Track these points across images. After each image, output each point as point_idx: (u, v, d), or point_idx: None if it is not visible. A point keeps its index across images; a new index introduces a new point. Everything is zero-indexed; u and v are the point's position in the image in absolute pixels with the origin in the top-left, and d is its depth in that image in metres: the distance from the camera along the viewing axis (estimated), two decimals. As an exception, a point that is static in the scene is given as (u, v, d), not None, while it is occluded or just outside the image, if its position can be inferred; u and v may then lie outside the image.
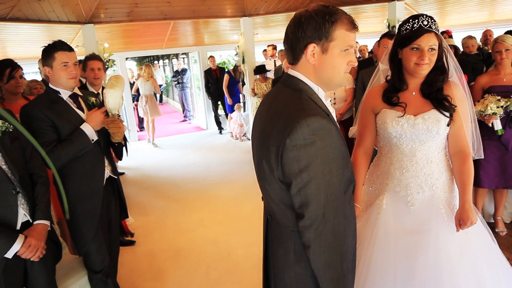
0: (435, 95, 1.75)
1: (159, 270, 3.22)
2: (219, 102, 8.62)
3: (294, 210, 1.21)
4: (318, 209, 1.15)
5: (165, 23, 7.25)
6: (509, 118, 2.99)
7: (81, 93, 2.30)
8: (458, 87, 1.78)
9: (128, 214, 2.73)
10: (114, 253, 2.54)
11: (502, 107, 2.87)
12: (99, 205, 2.24)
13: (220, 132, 8.61)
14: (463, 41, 5.02)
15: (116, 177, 2.45)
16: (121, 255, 2.84)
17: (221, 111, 8.87)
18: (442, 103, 1.74)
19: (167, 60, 15.57)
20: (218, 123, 8.65)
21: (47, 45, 2.14)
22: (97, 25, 6.01)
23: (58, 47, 2.11)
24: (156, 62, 15.05)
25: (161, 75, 14.58)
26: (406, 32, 1.71)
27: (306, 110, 1.16)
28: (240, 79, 8.24)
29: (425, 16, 1.69)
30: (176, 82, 10.76)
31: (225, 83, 8.06)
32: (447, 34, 5.83)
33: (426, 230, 1.75)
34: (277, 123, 1.20)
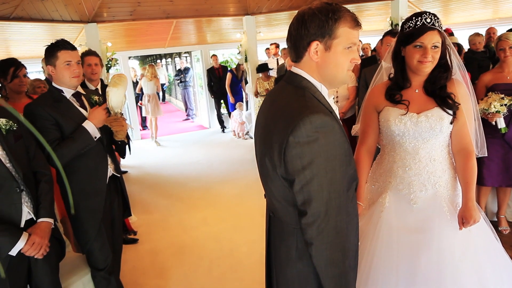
0: (438, 92, 1.75)
1: (162, 268, 3.23)
2: (222, 101, 8.63)
3: (296, 207, 1.22)
4: (321, 206, 1.15)
5: (168, 22, 7.25)
6: (513, 116, 2.98)
7: (84, 92, 2.31)
8: (462, 84, 1.77)
9: (131, 212, 2.74)
10: (117, 251, 2.55)
11: (505, 105, 2.85)
12: (102, 203, 2.25)
13: (223, 131, 8.61)
14: (469, 38, 4.93)
15: (119, 175, 2.45)
16: (124, 253, 2.86)
17: (223, 109, 8.88)
18: (445, 100, 1.73)
19: (169, 59, 15.59)
20: (221, 121, 8.65)
21: (50, 44, 2.14)
22: (100, 24, 6.02)
23: (61, 46, 2.12)
24: (158, 61, 15.06)
25: (164, 74, 14.59)
26: (409, 29, 1.71)
27: (309, 108, 1.16)
28: (243, 78, 8.24)
29: (428, 13, 1.68)
30: (179, 81, 10.77)
31: (227, 82, 8.07)
32: (447, 32, 5.78)
33: (429, 228, 1.74)
34: (280, 120, 1.20)
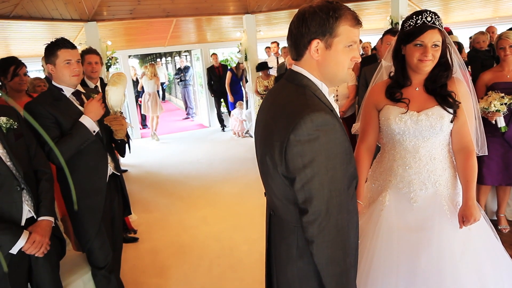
0: (439, 91, 1.74)
1: (162, 267, 3.24)
2: (222, 100, 8.62)
3: (297, 206, 1.22)
4: (322, 204, 1.15)
5: (168, 21, 7.25)
6: (513, 115, 2.98)
7: (84, 90, 2.31)
8: (462, 83, 1.77)
9: (131, 211, 2.74)
10: (118, 249, 2.55)
11: (505, 104, 2.85)
12: (102, 202, 2.25)
13: (223, 130, 8.61)
14: (474, 36, 4.86)
15: (119, 174, 2.45)
16: (125, 252, 2.86)
17: (223, 108, 8.88)
18: (446, 99, 1.73)
19: (169, 58, 15.58)
20: (221, 120, 8.65)
21: (50, 43, 2.14)
22: (100, 22, 6.01)
23: (61, 44, 2.12)
24: (158, 60, 15.04)
25: (164, 72, 14.59)
26: (410, 28, 1.71)
27: (310, 106, 1.16)
28: (243, 77, 8.23)
29: (428, 12, 1.68)
30: (179, 80, 10.77)
31: (227, 81, 8.07)
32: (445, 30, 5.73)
33: (429, 227, 1.74)
34: (281, 118, 1.20)
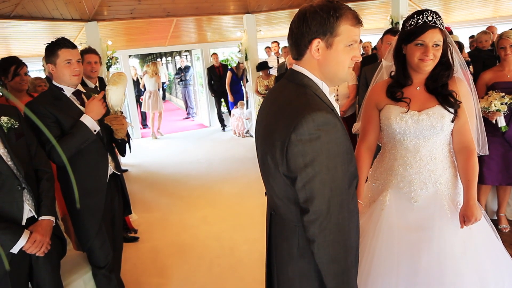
0: (440, 90, 1.74)
1: (162, 266, 3.24)
2: (222, 99, 8.62)
3: (298, 205, 1.22)
4: (323, 203, 1.15)
5: (168, 20, 7.25)
6: (513, 115, 2.97)
7: (84, 90, 2.31)
8: (463, 83, 1.77)
9: (131, 210, 2.75)
10: (118, 249, 2.55)
11: (506, 104, 2.85)
12: (102, 201, 2.25)
13: (223, 129, 8.61)
14: (477, 36, 4.84)
15: (119, 174, 2.45)
16: (125, 251, 2.86)
17: (224, 108, 8.87)
18: (447, 99, 1.73)
19: (170, 58, 15.58)
20: (221, 120, 8.65)
21: (50, 43, 2.14)
22: (100, 22, 6.02)
23: (61, 44, 2.12)
24: (159, 60, 15.05)
25: (164, 72, 14.60)
26: (411, 27, 1.71)
27: (311, 105, 1.16)
28: (244, 76, 8.23)
29: (429, 11, 1.68)
30: (179, 80, 10.77)
31: (227, 81, 8.07)
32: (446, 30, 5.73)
33: (430, 226, 1.74)
34: (282, 118, 1.20)
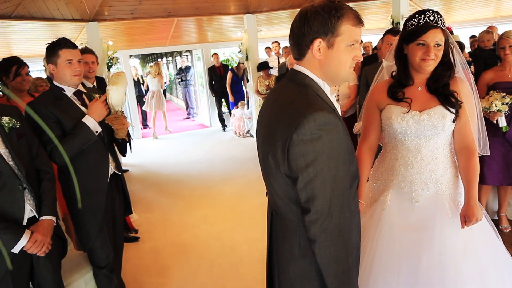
0: (441, 90, 1.74)
1: (163, 266, 3.24)
2: (223, 100, 8.62)
3: (299, 205, 1.22)
4: (324, 203, 1.15)
5: (169, 21, 7.26)
6: (514, 115, 2.97)
7: (85, 90, 2.31)
8: (465, 83, 1.77)
9: (132, 210, 2.75)
10: (119, 249, 2.55)
11: (507, 104, 2.85)
12: (103, 201, 2.25)
13: (224, 129, 8.61)
14: (479, 35, 4.80)
15: (120, 174, 2.46)
16: (126, 251, 2.86)
17: (224, 108, 8.88)
18: (448, 99, 1.73)
19: (170, 58, 15.58)
20: (222, 120, 8.65)
21: (51, 43, 2.14)
22: (101, 22, 6.02)
23: (62, 44, 2.12)
24: (159, 60, 15.06)
25: (165, 72, 14.60)
26: (412, 27, 1.70)
27: (312, 105, 1.16)
28: (244, 77, 8.23)
29: (431, 11, 1.68)
30: (180, 80, 10.78)
31: (228, 81, 8.07)
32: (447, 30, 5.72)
33: (431, 226, 1.74)
34: (283, 118, 1.20)
